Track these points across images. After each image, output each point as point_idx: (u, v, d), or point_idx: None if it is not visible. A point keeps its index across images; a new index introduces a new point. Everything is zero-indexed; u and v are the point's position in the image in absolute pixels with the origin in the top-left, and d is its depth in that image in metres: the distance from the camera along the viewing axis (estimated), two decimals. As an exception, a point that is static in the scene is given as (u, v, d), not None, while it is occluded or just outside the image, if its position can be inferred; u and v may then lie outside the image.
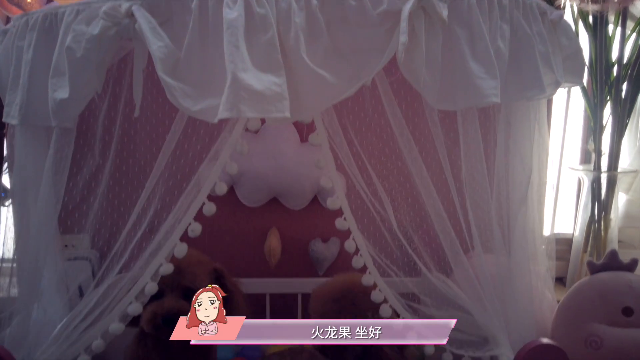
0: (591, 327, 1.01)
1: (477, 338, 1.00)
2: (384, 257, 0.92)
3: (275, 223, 1.56)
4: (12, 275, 0.99)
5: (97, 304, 0.90)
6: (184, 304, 1.00)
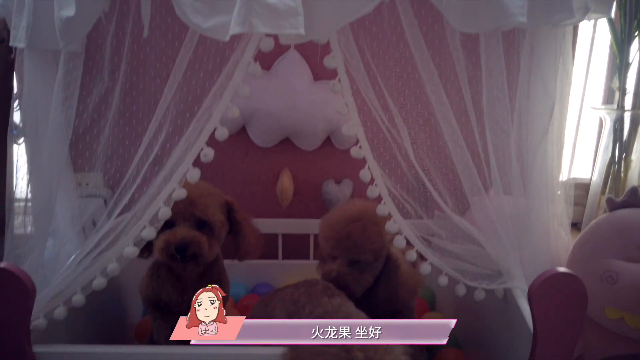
0: (607, 262, 1.00)
1: (490, 271, 1.00)
2: (399, 188, 0.90)
3: (288, 164, 1.55)
4: (25, 213, 1.00)
5: (111, 231, 0.90)
6: (196, 234, 1.00)
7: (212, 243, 1.03)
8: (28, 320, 0.82)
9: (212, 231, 1.03)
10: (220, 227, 1.05)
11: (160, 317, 1.10)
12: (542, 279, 0.80)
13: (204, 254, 1.00)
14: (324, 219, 1.07)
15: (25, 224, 1.03)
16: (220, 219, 1.04)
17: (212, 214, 1.02)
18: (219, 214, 1.04)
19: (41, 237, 0.94)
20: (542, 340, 0.83)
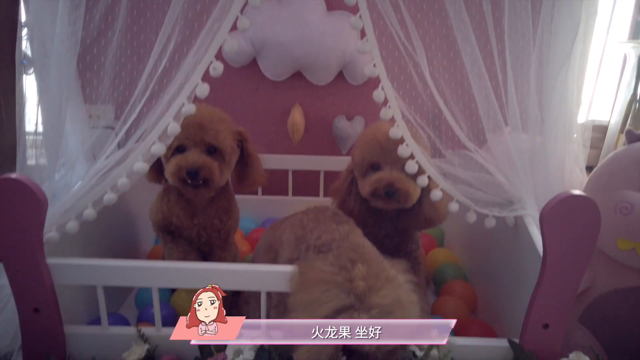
0: (623, 193, 0.98)
1: (502, 200, 0.98)
2: (413, 110, 0.88)
3: (299, 99, 1.52)
4: (36, 146, 1.00)
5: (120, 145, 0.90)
6: (207, 159, 1.00)
7: (223, 169, 1.03)
8: (41, 232, 0.83)
9: (222, 157, 1.03)
10: (231, 154, 1.04)
11: (170, 241, 1.11)
12: (555, 201, 0.79)
13: (215, 179, 1.00)
14: (369, 129, 1.05)
15: (36, 156, 1.04)
16: (231, 146, 1.04)
17: (223, 140, 1.01)
18: (230, 141, 1.03)
19: (52, 167, 0.94)
20: (551, 265, 0.83)
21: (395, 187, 0.95)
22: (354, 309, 0.75)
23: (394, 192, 0.95)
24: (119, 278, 0.87)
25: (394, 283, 0.78)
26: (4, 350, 1.02)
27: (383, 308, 0.74)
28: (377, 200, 1.00)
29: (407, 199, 0.96)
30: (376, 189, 0.96)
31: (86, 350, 0.90)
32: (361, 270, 0.77)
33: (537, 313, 0.85)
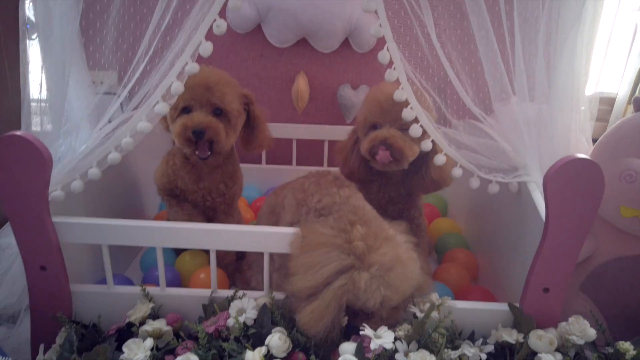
0: (628, 161, 0.98)
1: (506, 166, 0.98)
2: (418, 73, 0.87)
3: (304, 67, 1.51)
4: (40, 113, 0.99)
5: (124, 106, 0.90)
6: (213, 120, 1.00)
7: (229, 131, 1.03)
8: (46, 190, 0.83)
9: (228, 120, 1.02)
10: (237, 117, 1.04)
11: (175, 204, 1.12)
12: (559, 164, 0.79)
13: (220, 140, 1.00)
14: (372, 90, 1.06)
15: (41, 123, 1.04)
16: (237, 108, 1.03)
17: (229, 102, 1.01)
18: (236, 103, 1.03)
19: (56, 132, 0.94)
20: (553, 228, 0.83)
21: (389, 142, 0.96)
22: (355, 269, 0.76)
23: (387, 149, 0.95)
24: (123, 237, 0.88)
25: (392, 241, 0.79)
26: (12, 309, 1.04)
27: (383, 265, 0.75)
28: (373, 158, 1.01)
29: (401, 156, 0.97)
30: (373, 146, 0.97)
31: (92, 308, 0.92)
32: (360, 231, 0.78)
33: (537, 277, 0.86)
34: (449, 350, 0.83)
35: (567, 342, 0.84)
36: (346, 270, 0.77)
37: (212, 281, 0.92)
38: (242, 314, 0.85)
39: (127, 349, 0.79)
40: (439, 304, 0.87)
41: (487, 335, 0.89)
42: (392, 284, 0.76)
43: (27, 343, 0.95)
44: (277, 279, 0.99)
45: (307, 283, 0.77)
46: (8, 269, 0.97)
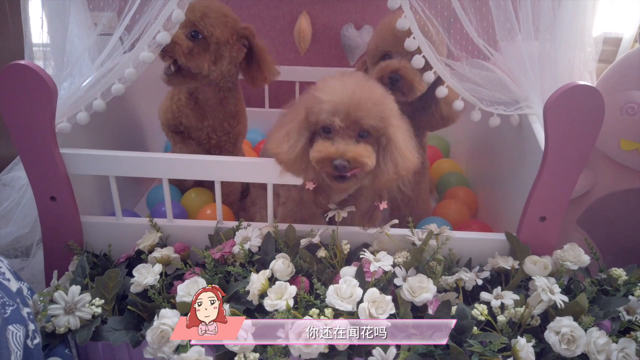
0: (631, 94, 0.98)
1: (508, 99, 0.98)
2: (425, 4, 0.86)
3: (306, 7, 1.48)
4: (44, 58, 0.99)
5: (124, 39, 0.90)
6: (179, 37, 0.95)
7: (200, 54, 0.99)
8: (52, 120, 0.85)
9: (206, 44, 1.00)
10: (222, 46, 1.01)
11: (180, 141, 1.14)
12: (560, 91, 0.79)
13: (178, 54, 0.96)
14: (386, 17, 1.01)
15: (44, 67, 1.04)
16: (221, 37, 1.00)
17: (209, 25, 0.98)
18: (222, 32, 1.00)
19: (59, 73, 0.94)
20: (551, 156, 0.84)
21: (400, 73, 0.94)
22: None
23: (397, 79, 0.94)
24: (130, 169, 0.89)
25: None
26: (25, 242, 1.08)
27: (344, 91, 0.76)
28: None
29: (410, 89, 0.96)
30: (382, 76, 0.96)
31: (102, 239, 0.95)
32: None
33: (535, 205, 0.88)
34: (446, 276, 0.86)
35: (562, 267, 0.86)
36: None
37: (218, 212, 0.95)
38: (247, 241, 0.88)
39: (138, 273, 0.82)
40: (437, 232, 0.90)
41: (484, 263, 0.92)
42: (354, 100, 0.75)
43: (41, 274, 0.99)
44: (282, 211, 1.02)
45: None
46: (19, 201, 1.00)
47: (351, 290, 0.75)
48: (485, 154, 1.25)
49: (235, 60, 1.06)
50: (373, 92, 0.79)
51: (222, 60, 1.02)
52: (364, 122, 0.76)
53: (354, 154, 0.76)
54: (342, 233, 0.91)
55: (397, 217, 1.16)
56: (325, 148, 0.76)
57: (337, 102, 0.76)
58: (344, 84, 0.78)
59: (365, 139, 0.78)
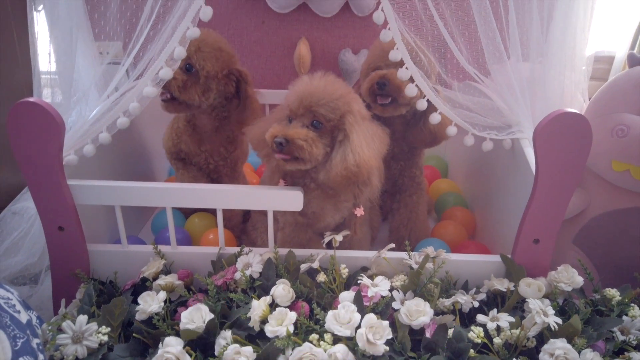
0: (620, 117, 1.00)
1: (500, 123, 1.01)
2: (412, 32, 0.89)
3: (305, 33, 1.52)
4: (51, 86, 1.03)
5: (130, 72, 0.93)
6: (177, 72, 0.98)
7: (192, 86, 1.03)
8: (60, 154, 0.88)
9: (197, 76, 1.03)
10: (210, 79, 1.04)
11: (182, 167, 1.17)
12: (548, 118, 0.82)
13: (173, 88, 1.00)
14: (376, 40, 1.05)
15: (52, 95, 1.07)
16: (211, 70, 1.03)
17: (201, 59, 1.01)
18: (212, 66, 1.03)
19: (67, 102, 0.98)
20: (542, 180, 0.86)
21: (387, 77, 0.98)
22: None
23: (384, 83, 0.98)
24: (135, 198, 0.92)
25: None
26: (33, 270, 1.11)
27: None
28: (373, 100, 1.03)
29: (398, 92, 0.99)
30: (371, 85, 1.00)
31: (108, 266, 0.98)
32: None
33: (528, 228, 0.90)
34: (443, 299, 0.88)
35: (556, 289, 0.88)
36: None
37: (220, 238, 0.98)
38: (248, 267, 0.91)
39: (142, 301, 0.85)
40: (433, 256, 0.92)
41: (480, 285, 0.94)
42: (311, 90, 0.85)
43: (49, 301, 1.02)
44: (281, 237, 1.05)
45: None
46: (28, 231, 1.03)
47: (349, 315, 0.78)
48: (482, 175, 1.28)
49: (222, 93, 1.09)
50: (334, 87, 0.88)
51: (209, 93, 1.06)
52: (315, 111, 0.85)
53: (291, 134, 0.85)
54: (340, 257, 0.94)
55: (396, 238, 1.20)
56: (273, 128, 0.86)
57: (298, 92, 0.87)
58: (311, 79, 0.90)
59: (318, 130, 0.87)
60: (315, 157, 0.87)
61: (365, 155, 0.84)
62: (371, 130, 0.88)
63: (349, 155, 0.85)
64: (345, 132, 0.87)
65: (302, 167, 0.89)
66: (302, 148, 0.85)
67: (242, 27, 1.53)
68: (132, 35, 0.90)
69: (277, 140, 0.85)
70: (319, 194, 0.96)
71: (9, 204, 1.15)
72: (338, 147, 0.88)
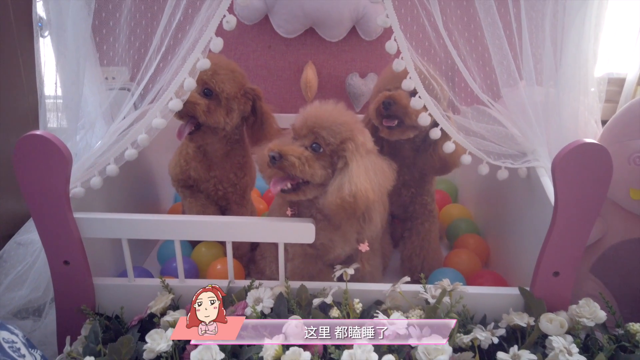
0: (636, 143, 0.98)
1: (515, 151, 0.99)
2: (426, 61, 0.88)
3: (312, 57, 1.52)
4: (56, 110, 1.02)
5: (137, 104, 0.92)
6: (195, 97, 0.99)
7: (216, 109, 1.03)
8: (67, 187, 0.86)
9: (218, 99, 1.03)
10: (231, 100, 1.05)
11: (190, 195, 1.15)
12: (567, 149, 0.80)
13: (199, 114, 1.00)
14: (385, 68, 1.09)
15: (58, 119, 1.06)
16: (231, 92, 1.04)
17: (219, 82, 1.01)
18: (230, 87, 1.03)
19: (72, 129, 0.97)
20: (562, 213, 0.84)
21: (393, 98, 0.97)
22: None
23: (390, 103, 0.97)
24: (143, 231, 0.90)
25: None
26: (37, 302, 1.08)
27: None
28: (380, 123, 1.02)
29: (404, 113, 0.97)
30: (378, 105, 0.99)
31: (114, 300, 0.95)
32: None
33: (547, 261, 0.87)
34: (462, 334, 0.85)
35: (578, 324, 0.85)
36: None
37: (230, 272, 0.95)
38: (259, 303, 0.88)
39: (150, 339, 0.82)
40: (450, 289, 0.89)
41: (499, 319, 0.91)
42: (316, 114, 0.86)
43: (53, 335, 0.99)
44: (291, 268, 1.02)
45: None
46: (32, 264, 1.00)
47: (366, 356, 0.75)
48: (495, 201, 1.25)
49: (242, 113, 1.09)
50: (340, 114, 0.88)
51: (232, 113, 1.06)
52: (317, 132, 0.85)
53: (286, 149, 0.84)
54: (353, 290, 0.91)
55: (408, 267, 1.17)
56: (272, 143, 0.86)
57: (304, 114, 0.88)
58: (321, 104, 0.89)
59: (317, 152, 0.86)
60: (309, 175, 0.86)
61: (362, 187, 0.82)
62: (375, 164, 0.86)
63: (346, 185, 0.83)
64: (345, 160, 0.86)
65: (302, 197, 0.89)
66: (294, 165, 0.84)
67: (248, 51, 1.52)
68: (140, 65, 0.89)
69: (271, 153, 0.85)
70: (326, 225, 0.94)
71: (14, 233, 1.13)
72: (337, 175, 0.87)
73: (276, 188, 0.87)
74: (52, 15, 0.99)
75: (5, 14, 1.22)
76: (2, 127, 1.13)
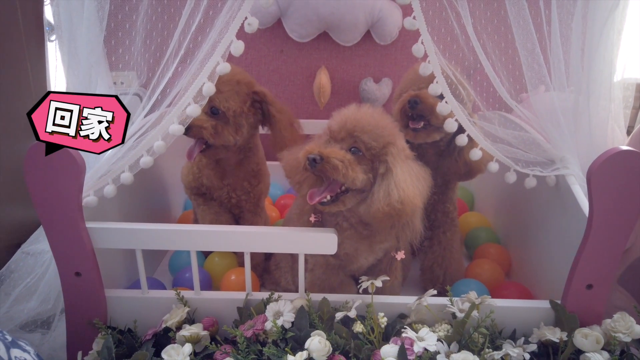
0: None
1: (543, 159, 0.96)
2: (453, 65, 0.85)
3: (325, 62, 1.49)
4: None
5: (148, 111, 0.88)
6: (203, 119, 0.96)
7: (224, 129, 1.00)
8: (80, 196, 0.83)
9: (226, 117, 1.00)
10: (238, 116, 1.01)
11: (203, 203, 1.12)
12: (604, 157, 0.76)
13: (206, 137, 0.98)
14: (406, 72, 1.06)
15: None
16: (236, 108, 1.00)
17: (224, 100, 0.98)
18: (235, 103, 1.00)
19: None
20: (597, 224, 0.80)
21: (419, 97, 0.94)
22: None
23: (416, 102, 0.94)
24: (157, 242, 0.87)
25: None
26: (47, 313, 1.04)
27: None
28: (405, 125, 0.99)
29: (431, 112, 0.94)
30: (403, 106, 0.96)
31: (127, 313, 0.91)
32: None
33: (581, 273, 0.84)
34: (491, 350, 0.81)
35: (613, 339, 0.81)
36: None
37: (247, 283, 0.92)
38: (279, 316, 0.84)
39: (167, 355, 0.78)
40: (478, 302, 0.85)
41: (528, 333, 0.87)
42: (355, 117, 0.82)
43: (62, 349, 0.95)
44: (310, 278, 0.99)
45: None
46: (42, 276, 0.97)
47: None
48: (516, 209, 1.22)
49: (253, 124, 1.06)
50: (381, 118, 0.84)
51: (242, 129, 1.02)
52: (357, 137, 0.81)
53: (328, 152, 0.79)
54: (377, 304, 0.87)
55: (429, 277, 1.14)
56: (309, 146, 0.82)
57: (342, 116, 0.84)
58: (359, 108, 0.85)
59: (357, 157, 0.82)
60: (350, 180, 0.80)
61: (410, 192, 0.78)
62: (414, 170, 0.82)
63: (393, 191, 0.79)
64: (387, 165, 0.82)
65: (341, 208, 0.84)
66: (337, 168, 0.79)
67: (260, 55, 1.49)
68: (155, 70, 0.85)
69: (310, 156, 0.79)
70: (352, 233, 0.90)
71: (21, 242, 1.09)
72: (381, 181, 0.82)
73: (314, 200, 0.82)
74: (62, 19, 0.96)
75: (14, 19, 1.19)
76: (9, 134, 1.10)
